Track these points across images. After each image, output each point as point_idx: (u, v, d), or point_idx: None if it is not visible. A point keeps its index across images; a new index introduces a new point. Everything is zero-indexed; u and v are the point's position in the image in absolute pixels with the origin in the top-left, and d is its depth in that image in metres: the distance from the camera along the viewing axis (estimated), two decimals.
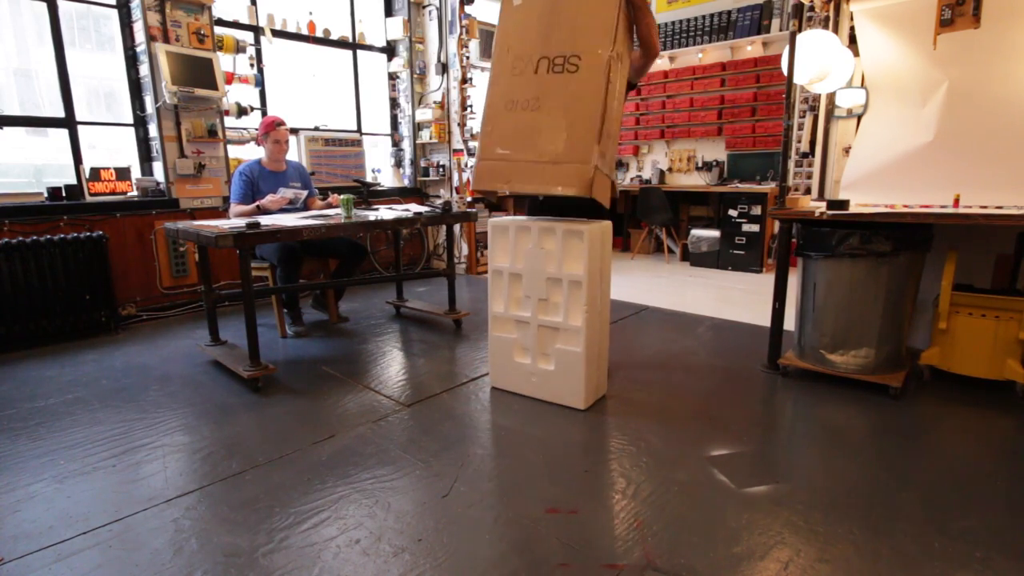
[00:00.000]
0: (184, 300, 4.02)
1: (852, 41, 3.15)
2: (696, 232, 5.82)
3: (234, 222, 2.89)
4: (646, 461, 1.98)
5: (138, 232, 3.78)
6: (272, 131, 3.44)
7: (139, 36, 3.71)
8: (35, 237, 3.27)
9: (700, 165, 6.18)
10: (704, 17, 5.80)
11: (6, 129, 3.47)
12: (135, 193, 3.83)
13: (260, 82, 4.40)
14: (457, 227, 5.07)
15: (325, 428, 2.25)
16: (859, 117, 3.14)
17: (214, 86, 3.82)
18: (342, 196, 3.18)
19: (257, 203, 3.36)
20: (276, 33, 4.51)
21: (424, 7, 5.26)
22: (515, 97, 2.32)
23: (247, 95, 4.33)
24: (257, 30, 4.39)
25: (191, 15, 3.80)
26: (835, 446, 2.11)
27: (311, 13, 4.77)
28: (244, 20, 4.32)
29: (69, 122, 3.61)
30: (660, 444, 2.10)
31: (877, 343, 2.52)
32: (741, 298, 4.43)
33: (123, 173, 3.79)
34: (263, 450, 2.08)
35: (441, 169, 5.43)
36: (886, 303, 2.47)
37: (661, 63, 6.26)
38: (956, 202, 2.51)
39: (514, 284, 2.47)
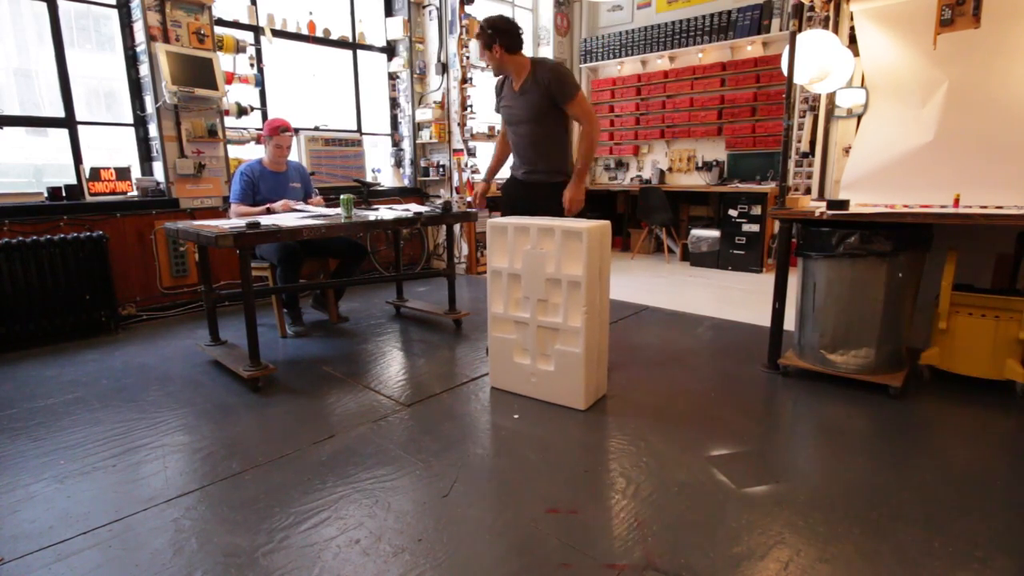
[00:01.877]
0: (184, 300, 4.02)
1: (852, 41, 3.16)
2: (696, 232, 5.82)
3: (234, 222, 2.89)
4: (646, 461, 1.98)
5: (138, 232, 3.78)
6: (276, 136, 3.45)
7: (139, 36, 3.71)
8: (35, 237, 3.27)
9: (700, 165, 6.18)
10: (704, 17, 5.80)
11: (6, 129, 3.47)
12: (135, 193, 3.83)
13: (260, 82, 4.39)
14: (457, 227, 5.06)
15: (325, 428, 2.25)
16: (859, 117, 3.14)
17: (214, 86, 3.82)
18: (342, 196, 3.18)
19: (268, 206, 3.38)
20: (276, 33, 4.51)
21: (424, 7, 5.26)
22: None
23: (247, 95, 4.33)
24: (257, 30, 4.39)
25: (191, 15, 3.80)
26: (835, 446, 2.11)
27: (311, 13, 4.77)
28: (244, 20, 4.32)
29: (69, 122, 3.61)
30: (660, 444, 2.10)
31: (877, 343, 2.52)
32: (741, 298, 4.43)
33: (123, 173, 3.78)
34: (263, 450, 2.08)
35: (441, 169, 5.43)
36: (886, 303, 2.47)
37: (661, 63, 6.26)
38: (956, 202, 2.51)
39: (513, 285, 2.47)
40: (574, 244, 2.28)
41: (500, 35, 2.67)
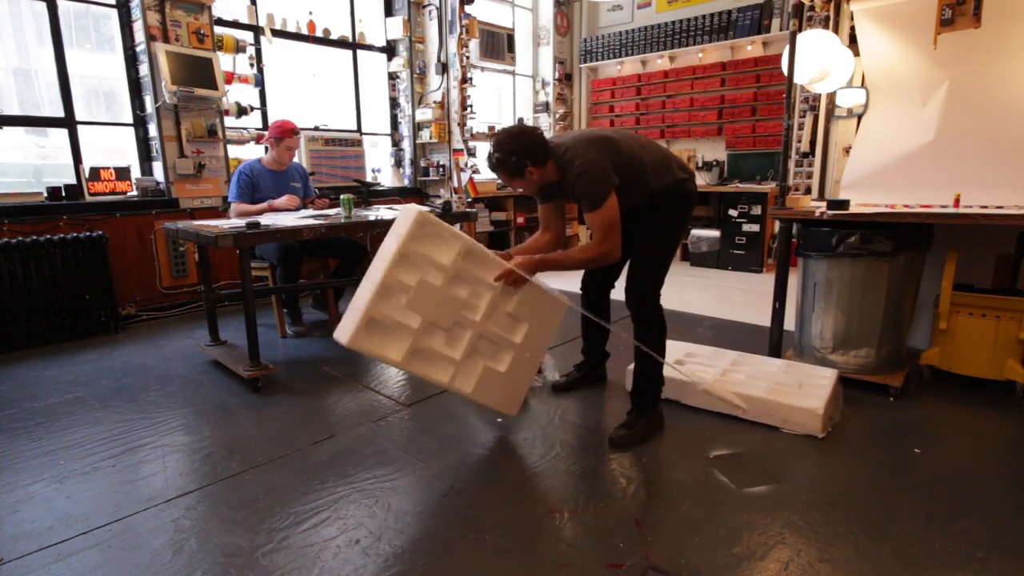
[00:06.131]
0: (184, 300, 4.02)
1: (852, 41, 3.16)
2: (696, 232, 5.81)
3: (234, 222, 2.89)
4: (646, 461, 1.98)
5: (138, 232, 3.78)
6: (288, 138, 3.44)
7: (139, 36, 3.70)
8: (35, 237, 3.27)
9: (700, 165, 6.17)
10: (704, 17, 5.80)
11: (6, 129, 3.47)
12: (135, 193, 3.83)
13: (260, 82, 4.39)
14: (457, 227, 5.06)
15: (325, 428, 2.25)
16: (859, 117, 3.14)
17: (214, 86, 3.82)
18: (342, 196, 3.18)
19: (269, 203, 3.38)
20: (276, 33, 4.50)
21: (424, 7, 5.25)
22: None
23: (247, 95, 4.33)
24: (257, 30, 4.38)
25: (191, 15, 3.80)
26: (835, 446, 2.11)
27: (311, 13, 4.76)
28: (244, 20, 4.32)
29: (69, 122, 3.61)
30: (660, 444, 2.10)
31: (877, 343, 2.52)
32: (741, 298, 4.43)
33: (123, 173, 3.78)
34: (263, 450, 2.08)
35: (441, 169, 5.42)
36: (886, 303, 2.47)
37: (661, 63, 6.26)
38: (956, 202, 2.51)
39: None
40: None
41: (527, 156, 2.04)
